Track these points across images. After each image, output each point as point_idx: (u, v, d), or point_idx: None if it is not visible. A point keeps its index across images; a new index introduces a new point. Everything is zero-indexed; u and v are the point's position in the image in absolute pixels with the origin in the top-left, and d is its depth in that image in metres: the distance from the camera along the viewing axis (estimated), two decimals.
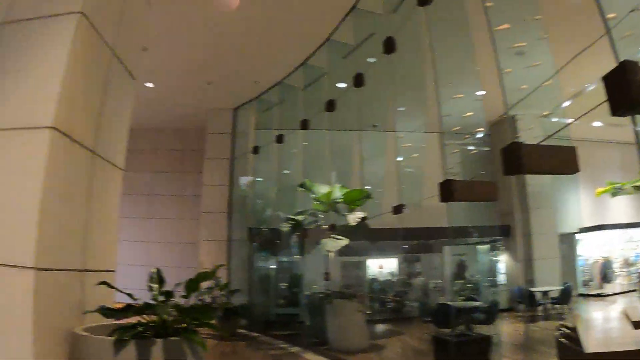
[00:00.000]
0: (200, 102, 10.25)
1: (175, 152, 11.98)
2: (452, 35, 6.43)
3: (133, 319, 2.99)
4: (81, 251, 3.34)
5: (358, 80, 7.18)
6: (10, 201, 2.88)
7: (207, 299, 6.69)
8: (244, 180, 10.53)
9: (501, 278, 11.23)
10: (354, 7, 6.68)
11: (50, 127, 2.89)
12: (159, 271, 3.35)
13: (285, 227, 8.31)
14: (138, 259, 10.25)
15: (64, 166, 3.09)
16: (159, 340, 2.71)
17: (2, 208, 2.89)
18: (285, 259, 10.04)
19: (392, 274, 11.54)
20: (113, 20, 3.73)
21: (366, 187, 8.13)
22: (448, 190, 5.12)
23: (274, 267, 10.25)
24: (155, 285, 3.23)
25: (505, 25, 5.60)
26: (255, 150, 9.99)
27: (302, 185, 8.19)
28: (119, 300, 3.42)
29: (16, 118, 3.02)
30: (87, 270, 3.36)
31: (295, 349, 6.79)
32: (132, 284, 3.46)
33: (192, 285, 3.14)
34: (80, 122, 3.30)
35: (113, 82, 3.79)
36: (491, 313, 6.97)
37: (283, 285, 9.79)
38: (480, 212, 9.43)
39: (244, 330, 8.26)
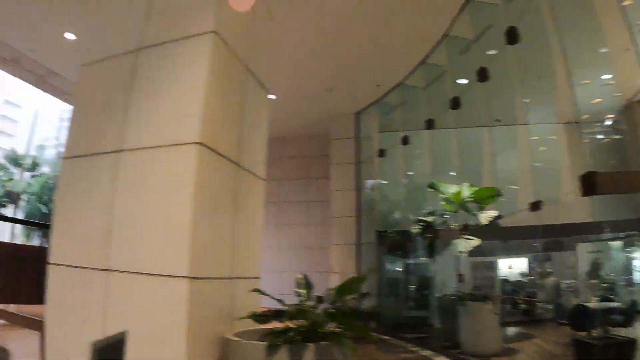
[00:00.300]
0: (322, 109, 10.91)
1: (301, 160, 12.77)
2: (576, 17, 6.34)
3: (278, 324, 3.20)
4: (229, 260, 3.65)
5: (482, 75, 7.25)
6: (163, 215, 3.20)
7: (338, 302, 7.27)
8: (371, 183, 10.99)
9: (638, 276, 10.42)
10: (469, 0, 6.83)
11: (197, 143, 3.19)
12: (306, 277, 3.59)
13: (416, 228, 8.65)
14: (269, 265, 11.19)
15: (211, 179, 3.39)
16: (311, 345, 2.86)
17: (156, 221, 3.21)
18: (414, 261, 10.33)
19: (522, 274, 11.31)
20: (242, 36, 4.07)
21: (497, 184, 8.20)
22: (590, 183, 5.01)
23: (403, 269, 10.53)
24: (303, 291, 3.47)
25: (628, 1, 5.45)
26: (381, 153, 10.38)
27: (430, 186, 8.43)
28: (263, 306, 3.90)
29: (164, 135, 3.35)
30: (235, 278, 3.69)
31: (426, 352, 7.02)
32: (266, 289, 3.77)
33: (344, 290, 3.33)
34: (223, 136, 3.61)
35: (249, 95, 4.15)
36: (629, 314, 6.69)
37: (412, 287, 10.12)
38: (610, 205, 8.93)
39: (374, 333, 8.57)
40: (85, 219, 3.61)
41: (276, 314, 3.23)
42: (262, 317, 3.28)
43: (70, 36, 8.68)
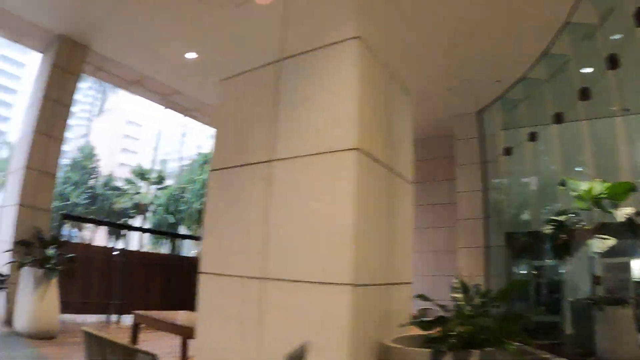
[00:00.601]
0: (443, 109, 11.52)
1: (426, 162, 13.24)
2: None
3: (432, 330, 3.26)
4: (385, 265, 3.77)
5: (613, 62, 7.38)
6: (323, 223, 3.34)
7: (466, 306, 7.72)
8: (498, 183, 11.34)
9: None
10: None
11: (355, 149, 3.31)
12: (462, 281, 3.61)
13: (548, 229, 8.85)
14: None
15: (369, 184, 3.51)
16: (476, 351, 2.88)
17: (315, 229, 3.37)
18: (544, 263, 10.46)
19: None
20: (382, 38, 4.18)
21: (635, 178, 8.18)
22: None
23: (533, 272, 10.72)
24: (460, 295, 3.49)
25: None
26: (507, 151, 10.69)
27: (561, 183, 8.62)
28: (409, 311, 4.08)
29: (319, 143, 3.51)
30: (390, 284, 3.82)
31: None
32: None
33: (504, 295, 3.39)
34: (376, 140, 3.75)
35: (393, 98, 4.32)
36: None
37: (542, 291, 10.24)
38: None
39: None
40: (238, 228, 3.87)
41: (440, 320, 3.28)
42: (427, 323, 3.31)
43: (191, 55, 10.18)
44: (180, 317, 5.79)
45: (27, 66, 74.87)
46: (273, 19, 4.20)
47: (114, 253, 12.40)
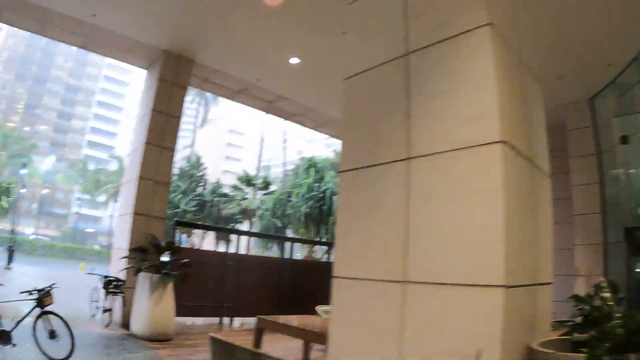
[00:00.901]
0: (553, 98, 11.04)
1: None
2: None
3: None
4: (531, 265, 3.68)
5: None
6: (472, 221, 3.25)
7: (586, 307, 7.57)
8: (615, 174, 11.00)
9: None
10: None
11: (500, 142, 3.22)
12: (609, 280, 3.51)
13: None
14: None
15: (514, 179, 3.41)
16: (633, 355, 2.78)
17: (460, 228, 3.29)
18: None
19: None
20: (510, 24, 4.05)
21: None
22: None
23: None
24: (607, 295, 3.37)
25: None
26: (624, 139, 10.24)
27: None
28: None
29: (462, 138, 3.42)
30: (536, 284, 3.73)
31: None
32: None
33: None
34: (517, 132, 3.65)
35: (527, 88, 4.19)
36: None
37: None
38: None
39: None
40: (375, 230, 3.85)
41: (595, 322, 3.21)
42: (581, 326, 3.26)
43: (294, 60, 10.70)
44: (305, 321, 6.05)
45: (129, 85, 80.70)
46: (392, 13, 4.18)
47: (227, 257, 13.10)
